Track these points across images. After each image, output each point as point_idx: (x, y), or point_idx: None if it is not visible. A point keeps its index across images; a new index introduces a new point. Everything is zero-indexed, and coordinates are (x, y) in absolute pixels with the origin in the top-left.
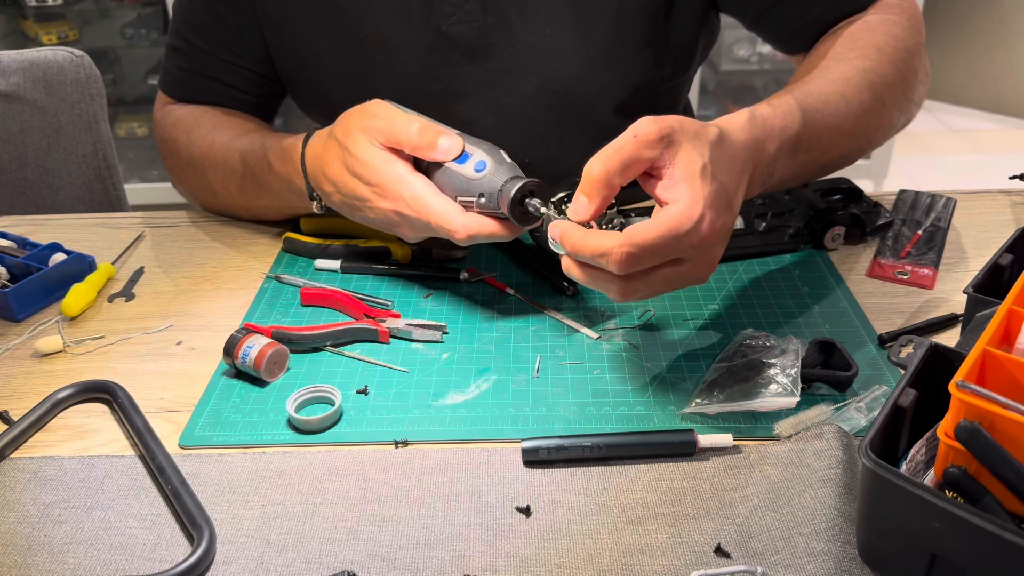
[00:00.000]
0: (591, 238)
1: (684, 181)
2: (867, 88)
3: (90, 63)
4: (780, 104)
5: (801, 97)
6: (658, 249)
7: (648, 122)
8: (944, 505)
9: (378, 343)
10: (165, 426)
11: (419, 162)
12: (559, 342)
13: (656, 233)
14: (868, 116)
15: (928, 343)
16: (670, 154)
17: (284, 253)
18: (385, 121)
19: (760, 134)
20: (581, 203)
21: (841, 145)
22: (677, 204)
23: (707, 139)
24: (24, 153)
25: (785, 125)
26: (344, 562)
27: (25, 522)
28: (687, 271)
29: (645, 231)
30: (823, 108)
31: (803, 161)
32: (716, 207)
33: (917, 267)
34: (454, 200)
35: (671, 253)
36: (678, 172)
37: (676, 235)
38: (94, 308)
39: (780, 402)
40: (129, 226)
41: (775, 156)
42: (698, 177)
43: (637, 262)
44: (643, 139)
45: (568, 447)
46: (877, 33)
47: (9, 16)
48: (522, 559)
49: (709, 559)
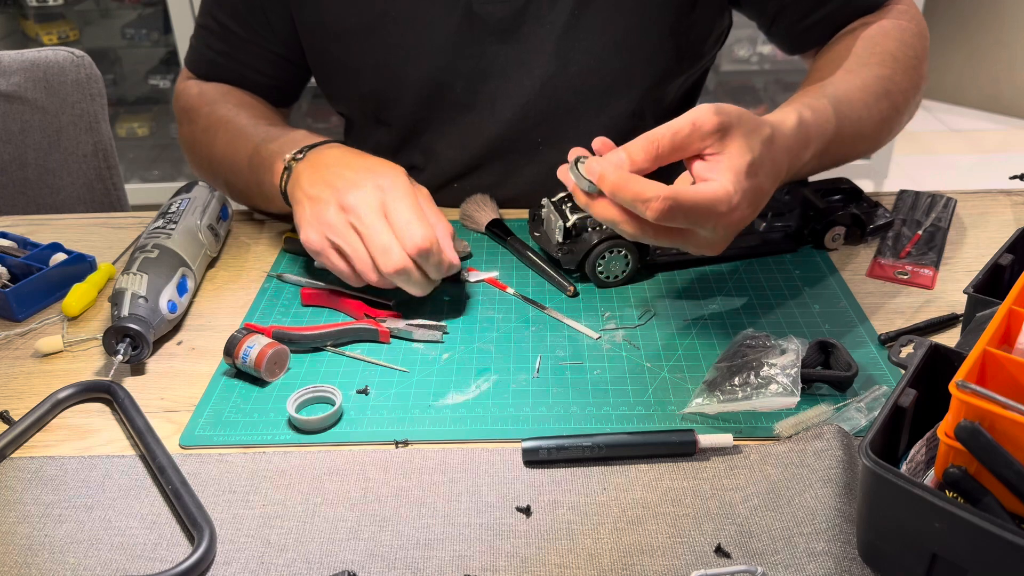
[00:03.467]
0: (635, 182)
1: (730, 169)
2: (884, 96)
3: (91, 63)
4: (820, 110)
5: (836, 104)
6: (692, 213)
7: (709, 112)
8: (944, 505)
9: (378, 343)
10: (165, 426)
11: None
12: (559, 342)
13: (697, 198)
14: (884, 123)
15: (928, 343)
16: (722, 144)
17: (284, 253)
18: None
19: (803, 141)
20: (619, 157)
21: (859, 148)
22: (719, 185)
23: (760, 137)
24: (25, 153)
25: (821, 133)
26: (344, 562)
27: (26, 522)
28: (696, 244)
29: (688, 193)
30: (850, 115)
31: (825, 163)
32: (749, 200)
33: (917, 267)
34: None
35: (699, 222)
36: (725, 161)
37: (712, 210)
38: (95, 308)
39: (780, 402)
40: (129, 226)
41: (808, 161)
42: (744, 170)
43: (671, 217)
44: (700, 129)
45: (568, 447)
46: (891, 40)
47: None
48: (522, 559)
49: (709, 559)
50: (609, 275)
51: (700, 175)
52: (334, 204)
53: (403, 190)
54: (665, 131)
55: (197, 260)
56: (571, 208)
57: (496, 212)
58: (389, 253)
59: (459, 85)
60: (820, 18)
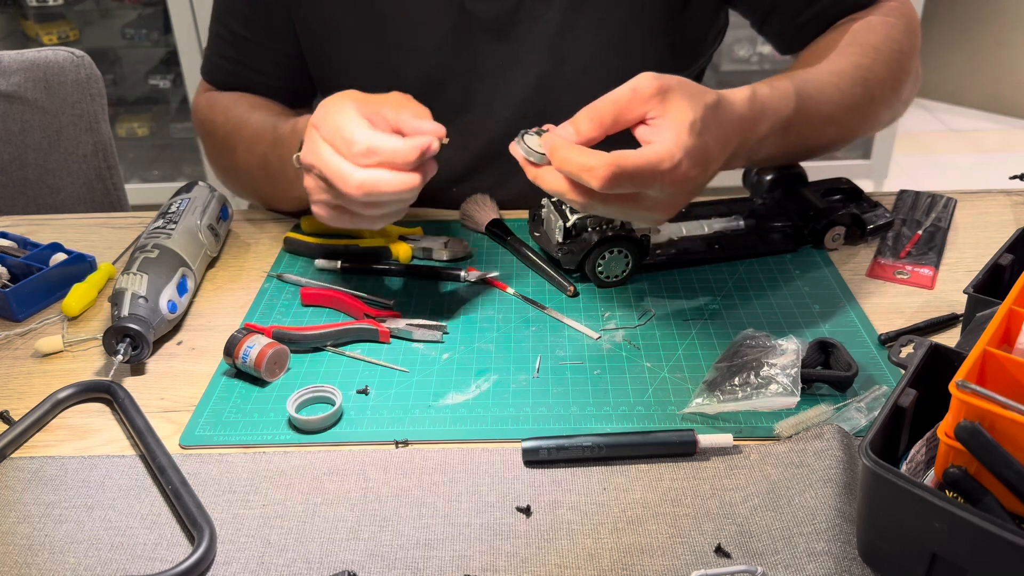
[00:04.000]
0: (579, 154)
1: (671, 128)
2: (860, 83)
3: (91, 63)
4: (779, 87)
5: (799, 84)
6: (636, 176)
7: (648, 77)
8: (944, 505)
9: (378, 343)
10: (165, 426)
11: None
12: (559, 342)
13: (639, 162)
14: (857, 109)
15: (928, 343)
16: (663, 107)
17: (284, 253)
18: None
19: (756, 113)
20: (567, 131)
21: (828, 132)
22: (660, 144)
23: (704, 100)
24: (25, 153)
25: (779, 108)
26: (344, 562)
27: (26, 522)
28: (647, 209)
29: (629, 157)
30: (817, 96)
31: (790, 143)
32: (694, 159)
33: (917, 267)
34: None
35: (645, 185)
36: (666, 120)
37: (655, 170)
38: (95, 308)
39: (780, 402)
40: (129, 226)
41: (765, 136)
42: (686, 128)
43: (617, 183)
44: (640, 93)
45: (568, 447)
46: (876, 34)
47: (9, 16)
48: (522, 559)
49: (709, 559)
50: (609, 275)
51: (644, 138)
52: (309, 177)
53: (333, 117)
54: (607, 99)
55: (197, 260)
56: (571, 208)
57: (496, 212)
58: (342, 176)
59: (455, 85)
60: (811, 16)
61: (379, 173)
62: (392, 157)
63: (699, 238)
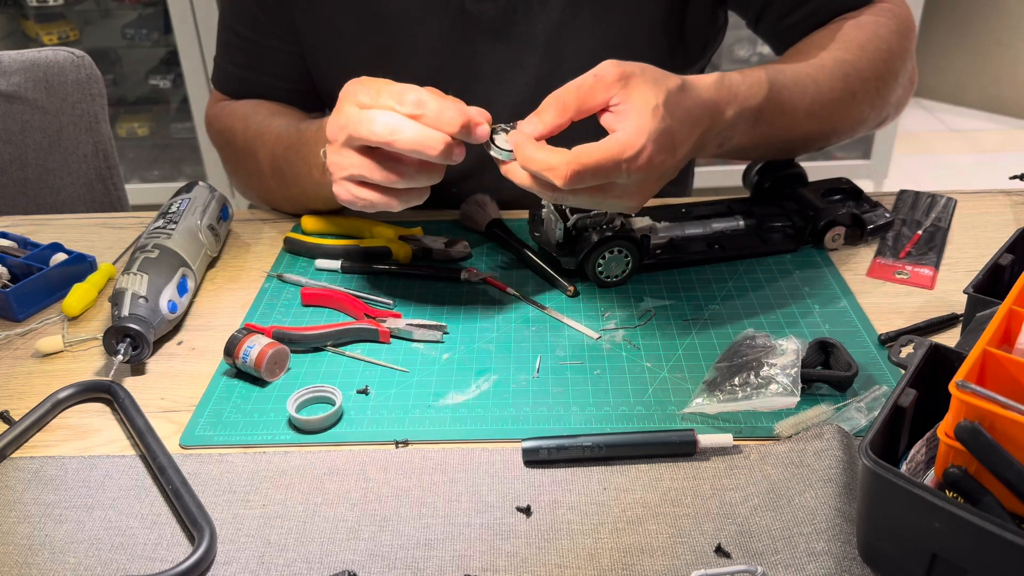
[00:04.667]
0: (541, 153)
1: (633, 114)
2: (840, 77)
3: (91, 63)
4: (750, 75)
5: (772, 73)
6: (600, 170)
7: (610, 64)
8: (944, 505)
9: (379, 343)
10: (166, 426)
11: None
12: (559, 342)
13: (600, 156)
14: (837, 104)
15: (928, 343)
16: (626, 92)
17: (284, 253)
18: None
19: (724, 97)
20: (532, 121)
21: (805, 125)
22: (623, 132)
23: (667, 85)
24: (25, 153)
25: (750, 95)
26: (344, 562)
27: (26, 522)
28: (616, 197)
29: (590, 152)
30: (791, 87)
31: (764, 134)
32: (659, 143)
33: (917, 267)
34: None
35: (610, 175)
36: (629, 106)
37: (617, 160)
38: (95, 308)
39: (780, 402)
40: (129, 226)
41: (733, 122)
42: (648, 113)
43: (580, 179)
44: (603, 79)
45: (568, 447)
46: (863, 31)
47: (10, 16)
48: (522, 559)
49: (709, 559)
50: (609, 275)
51: (608, 126)
52: (332, 151)
53: (375, 81)
54: (570, 86)
55: (197, 260)
56: (571, 208)
57: (496, 212)
58: (370, 116)
59: (453, 85)
60: (803, 16)
61: (408, 121)
62: (438, 114)
63: (699, 238)
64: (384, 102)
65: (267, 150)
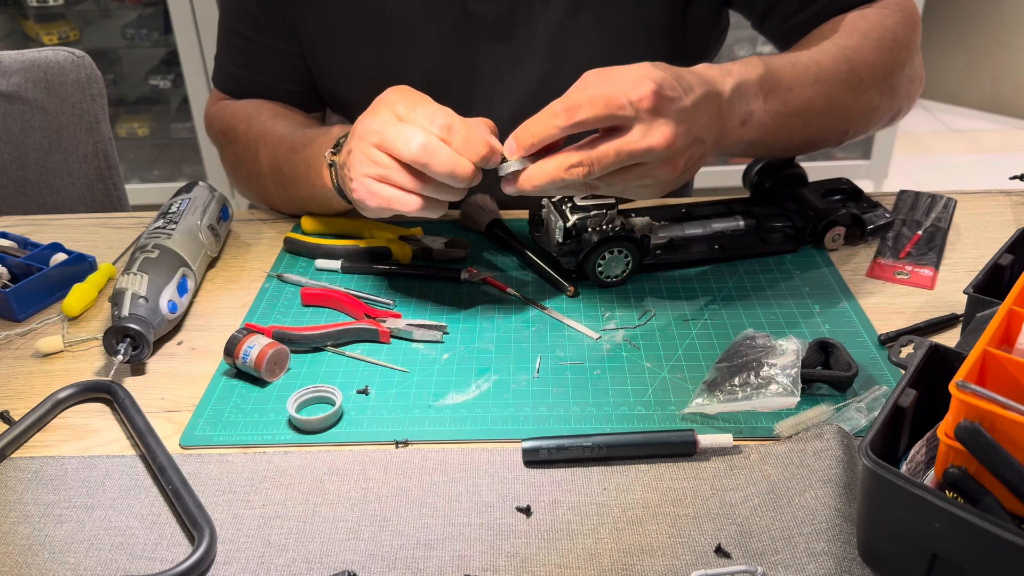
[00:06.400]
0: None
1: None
2: (844, 61)
3: (91, 63)
4: (746, 60)
5: (767, 58)
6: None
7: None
8: (944, 505)
9: (379, 343)
10: (166, 426)
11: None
12: (559, 342)
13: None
14: (844, 85)
15: (928, 343)
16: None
17: (284, 253)
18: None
19: (716, 73)
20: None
21: (816, 104)
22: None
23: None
24: (25, 153)
25: (744, 71)
26: (344, 562)
27: (26, 522)
28: (650, 176)
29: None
30: (789, 67)
31: (779, 111)
32: (664, 84)
33: (917, 267)
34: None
35: (623, 118)
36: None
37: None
38: (95, 308)
39: (780, 402)
40: (129, 226)
41: (738, 92)
42: (640, 65)
43: (578, 111)
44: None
45: (568, 447)
46: (867, 21)
47: (10, 16)
48: (522, 559)
49: (709, 559)
50: (609, 275)
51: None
52: (359, 148)
53: (413, 95)
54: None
55: (197, 260)
56: (571, 208)
57: (496, 212)
58: (406, 136)
59: (455, 85)
60: (809, 16)
61: (442, 145)
62: (466, 140)
63: (699, 238)
64: (418, 119)
65: (268, 151)
